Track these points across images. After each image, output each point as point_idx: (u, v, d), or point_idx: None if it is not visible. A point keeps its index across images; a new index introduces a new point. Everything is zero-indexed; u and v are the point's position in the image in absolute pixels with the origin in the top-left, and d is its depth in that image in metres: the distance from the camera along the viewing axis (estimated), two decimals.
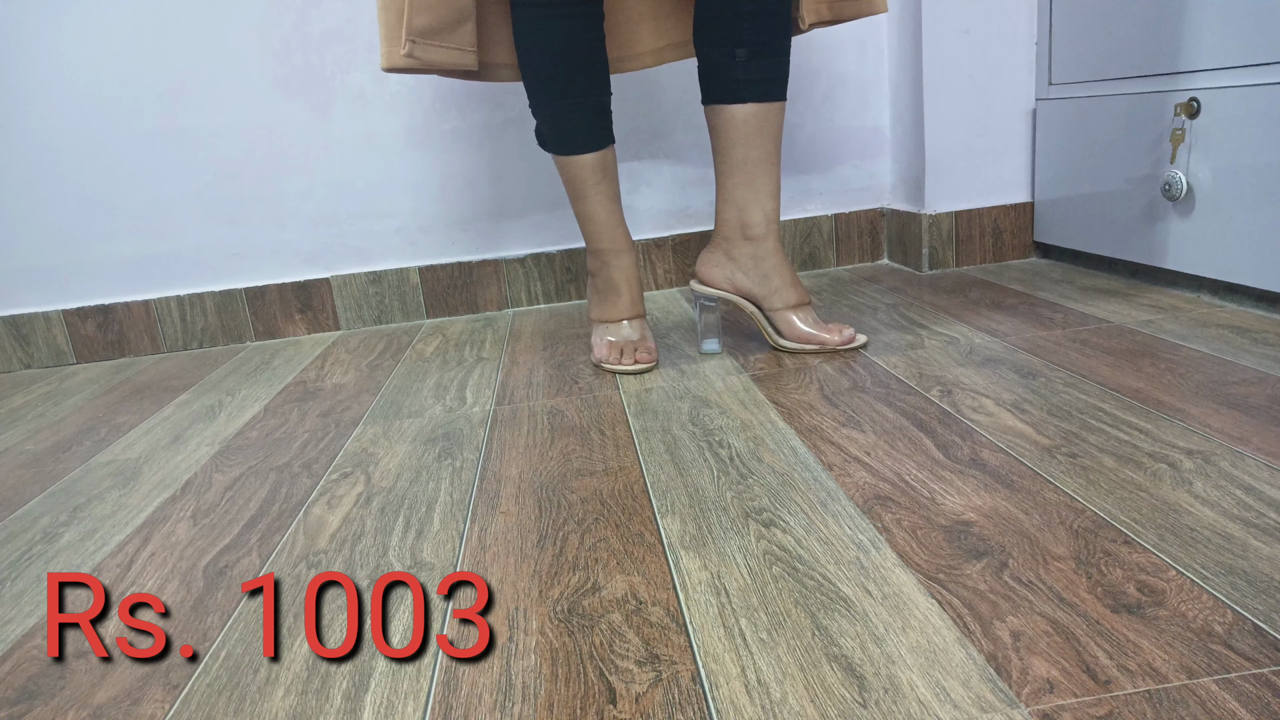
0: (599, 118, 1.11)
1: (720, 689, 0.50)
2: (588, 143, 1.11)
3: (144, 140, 1.53)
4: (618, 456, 0.86)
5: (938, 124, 1.49)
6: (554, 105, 1.09)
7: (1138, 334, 1.05)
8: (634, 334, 1.17)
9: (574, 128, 1.10)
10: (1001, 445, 0.79)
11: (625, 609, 0.60)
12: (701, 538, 0.68)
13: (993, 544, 0.62)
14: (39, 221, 1.55)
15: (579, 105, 1.09)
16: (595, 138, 1.11)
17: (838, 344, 1.13)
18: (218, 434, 1.09)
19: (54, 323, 1.58)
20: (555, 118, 1.10)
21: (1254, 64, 1.05)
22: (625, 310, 1.18)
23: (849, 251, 1.68)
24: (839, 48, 1.59)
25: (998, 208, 1.53)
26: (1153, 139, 1.22)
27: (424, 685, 0.54)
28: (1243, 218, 1.09)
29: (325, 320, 1.62)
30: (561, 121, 1.10)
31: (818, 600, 0.58)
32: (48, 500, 0.93)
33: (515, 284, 1.63)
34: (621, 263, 1.17)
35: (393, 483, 0.87)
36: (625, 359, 1.15)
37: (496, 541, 0.72)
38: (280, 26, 1.50)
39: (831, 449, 0.82)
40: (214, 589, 0.69)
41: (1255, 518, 0.62)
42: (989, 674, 0.49)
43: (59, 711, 0.56)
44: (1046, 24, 1.43)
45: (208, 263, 1.59)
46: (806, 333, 1.14)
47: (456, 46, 1.09)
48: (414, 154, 1.58)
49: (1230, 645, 0.49)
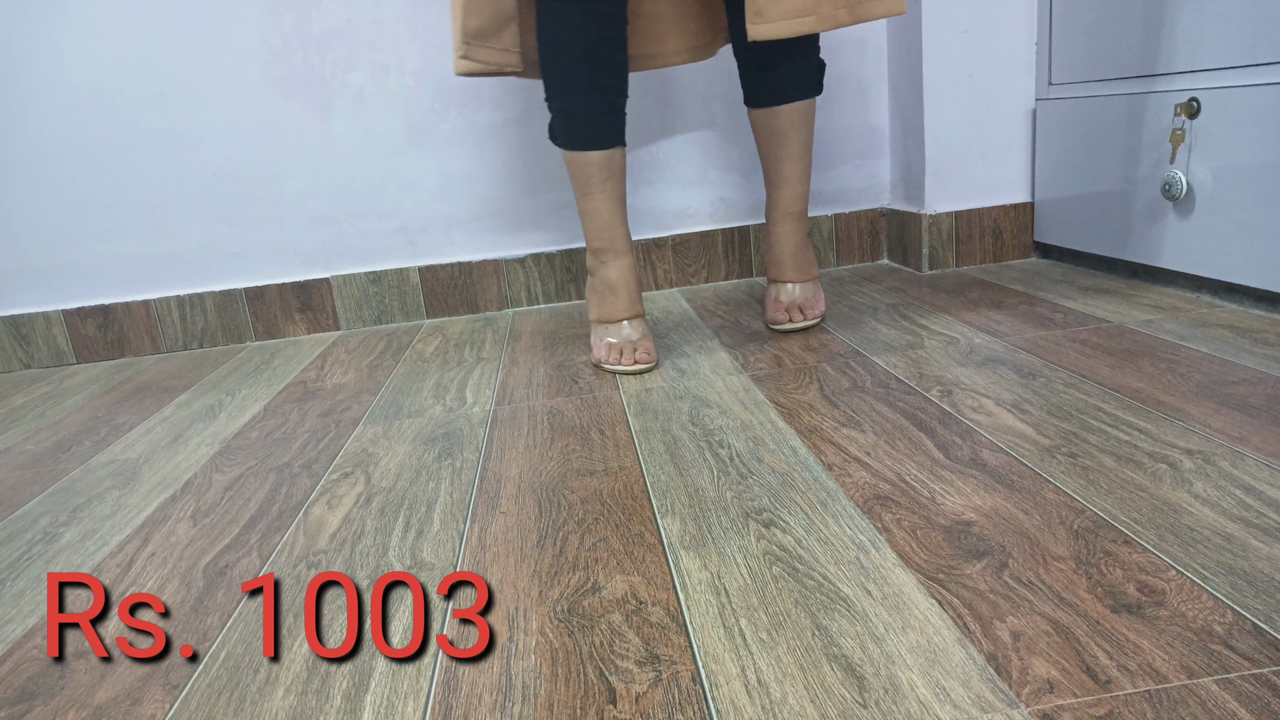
0: (611, 116, 1.12)
1: (720, 689, 0.50)
2: (597, 139, 1.12)
3: (144, 140, 1.53)
4: (618, 456, 0.86)
5: (938, 124, 1.49)
6: (568, 99, 1.10)
7: (1138, 334, 1.05)
8: (633, 334, 1.17)
9: (585, 123, 1.11)
10: (1001, 445, 0.79)
11: (625, 609, 0.60)
12: (701, 538, 0.68)
13: (993, 544, 0.62)
14: (39, 221, 1.55)
15: (592, 101, 1.10)
16: (606, 135, 1.12)
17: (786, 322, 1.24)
18: (218, 434, 1.09)
19: (54, 323, 1.58)
20: (568, 111, 1.11)
21: (1254, 64, 1.05)
22: (624, 310, 1.18)
23: (849, 251, 1.68)
24: (839, 48, 1.59)
25: (998, 208, 1.53)
26: (1153, 139, 1.22)
27: (424, 685, 0.54)
28: (1243, 218, 1.09)
29: (325, 320, 1.62)
30: (574, 116, 1.11)
31: (818, 600, 0.58)
32: (48, 500, 0.93)
33: (515, 284, 1.63)
34: (620, 264, 1.17)
35: (393, 483, 0.87)
36: (625, 359, 1.15)
37: (496, 541, 0.72)
38: (280, 26, 1.50)
39: (831, 449, 0.82)
40: (214, 589, 0.69)
41: (1255, 518, 0.62)
42: (989, 674, 0.49)
43: (59, 711, 0.56)
44: (1046, 24, 1.43)
45: (208, 263, 1.59)
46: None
47: (502, 48, 1.13)
48: (414, 154, 1.58)
49: (1230, 645, 0.49)
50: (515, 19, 1.12)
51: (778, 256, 1.26)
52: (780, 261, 1.26)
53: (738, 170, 1.63)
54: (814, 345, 1.16)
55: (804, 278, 1.26)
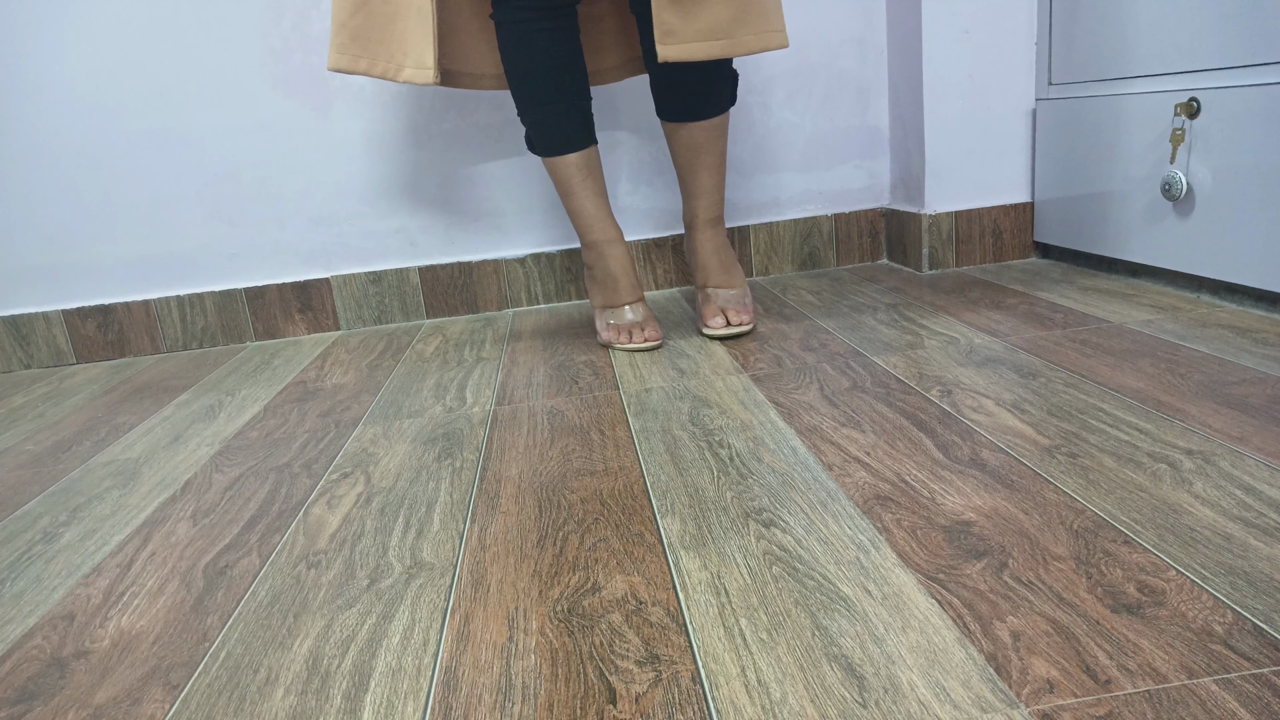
0: (582, 120, 1.20)
1: (720, 689, 0.50)
2: (572, 144, 1.20)
3: (144, 140, 1.53)
4: (618, 456, 0.86)
5: (938, 124, 1.49)
6: (539, 112, 1.19)
7: (1138, 334, 1.05)
8: (638, 316, 1.25)
9: (558, 131, 1.19)
10: (1001, 445, 0.79)
11: (625, 609, 0.60)
12: (701, 538, 0.68)
13: (993, 544, 0.62)
14: (39, 221, 1.55)
15: (563, 110, 1.18)
16: (579, 139, 1.21)
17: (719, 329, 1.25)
18: (218, 434, 1.09)
19: (54, 323, 1.58)
20: (541, 123, 1.19)
21: (1254, 64, 1.05)
22: (626, 295, 1.26)
23: (849, 251, 1.68)
24: (839, 48, 1.59)
25: (998, 208, 1.53)
26: (1153, 139, 1.22)
27: (424, 685, 0.54)
28: (1243, 218, 1.09)
29: (325, 320, 1.62)
30: (547, 126, 1.19)
31: (818, 600, 0.58)
32: (48, 500, 0.93)
33: (515, 284, 1.63)
34: (615, 251, 1.25)
35: (393, 483, 0.87)
36: (635, 339, 1.23)
37: (496, 541, 0.72)
38: (280, 26, 1.50)
39: (831, 449, 0.82)
40: (214, 589, 0.69)
41: (1255, 518, 0.62)
42: (989, 674, 0.49)
43: (59, 711, 0.56)
44: (1046, 24, 1.43)
45: (208, 263, 1.59)
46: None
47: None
48: (414, 154, 1.58)
49: (1230, 645, 0.49)
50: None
51: (704, 262, 1.29)
52: (706, 266, 1.29)
53: (736, 170, 1.63)
54: (814, 345, 1.16)
55: (731, 279, 1.29)
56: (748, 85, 1.59)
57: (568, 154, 1.20)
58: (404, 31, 1.12)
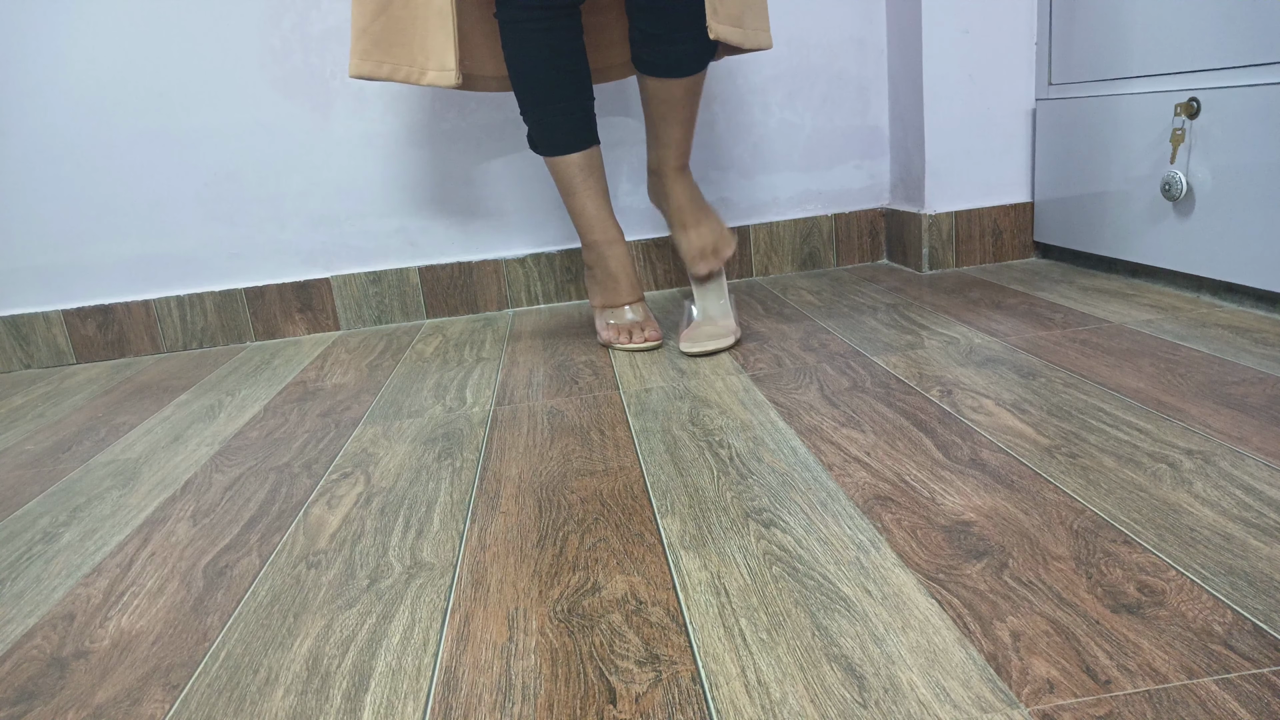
0: (584, 119, 1.21)
1: (720, 689, 0.50)
2: (574, 144, 1.21)
3: (144, 140, 1.53)
4: (618, 456, 0.86)
5: (938, 124, 1.49)
6: (542, 111, 1.19)
7: (1138, 334, 1.05)
8: (638, 316, 1.26)
9: (560, 131, 1.20)
10: (1001, 445, 0.79)
11: (625, 609, 0.60)
12: (701, 538, 0.68)
13: (993, 544, 0.62)
14: (39, 221, 1.55)
15: (565, 109, 1.19)
16: (581, 139, 1.21)
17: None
18: (218, 434, 1.09)
19: (54, 323, 1.58)
20: (543, 122, 1.20)
21: (1254, 64, 1.05)
22: (626, 295, 1.27)
23: (849, 251, 1.68)
24: (839, 47, 1.59)
25: (997, 208, 1.53)
26: (1153, 139, 1.22)
27: (424, 685, 0.54)
28: (1243, 218, 1.09)
29: (325, 320, 1.62)
30: (549, 125, 1.20)
31: (818, 600, 0.58)
32: (48, 500, 0.93)
33: (515, 284, 1.63)
34: (615, 252, 1.26)
35: (393, 483, 0.87)
36: (635, 339, 1.23)
37: (496, 541, 0.72)
38: (280, 26, 1.50)
39: (831, 449, 0.82)
40: (214, 589, 0.69)
41: (1255, 518, 0.62)
42: (989, 674, 0.49)
43: (59, 711, 0.56)
44: (1046, 24, 1.43)
45: (207, 263, 1.59)
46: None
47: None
48: (414, 154, 1.58)
49: (1230, 645, 0.49)
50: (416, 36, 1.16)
51: (678, 205, 1.28)
52: (681, 208, 1.28)
53: (738, 170, 1.63)
54: (814, 345, 1.16)
55: (707, 216, 1.29)
56: (748, 85, 1.59)
57: (570, 153, 1.21)
58: (425, 34, 1.12)
